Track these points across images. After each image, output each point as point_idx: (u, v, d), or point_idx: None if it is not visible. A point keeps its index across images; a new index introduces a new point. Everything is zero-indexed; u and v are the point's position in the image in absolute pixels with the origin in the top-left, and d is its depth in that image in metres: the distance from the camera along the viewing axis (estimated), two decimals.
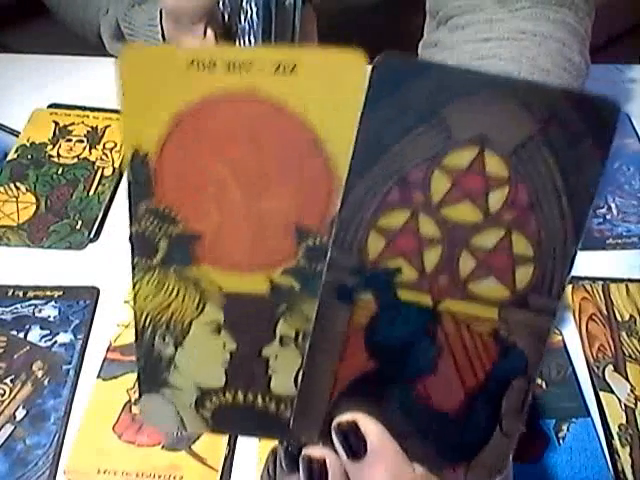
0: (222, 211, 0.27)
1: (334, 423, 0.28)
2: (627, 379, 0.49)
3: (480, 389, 0.27)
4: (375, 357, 0.27)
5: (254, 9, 0.57)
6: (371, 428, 0.27)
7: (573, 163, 0.25)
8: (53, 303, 0.53)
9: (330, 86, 0.26)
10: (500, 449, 0.27)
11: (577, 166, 0.25)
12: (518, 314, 0.26)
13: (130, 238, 0.28)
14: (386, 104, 0.25)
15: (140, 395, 0.30)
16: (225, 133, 0.27)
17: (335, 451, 0.28)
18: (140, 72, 0.26)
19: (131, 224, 0.28)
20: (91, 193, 0.62)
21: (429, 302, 0.27)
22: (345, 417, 0.27)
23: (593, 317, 0.53)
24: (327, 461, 0.28)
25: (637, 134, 0.68)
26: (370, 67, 0.25)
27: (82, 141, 0.67)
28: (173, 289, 0.28)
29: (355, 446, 0.27)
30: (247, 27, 0.58)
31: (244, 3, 0.57)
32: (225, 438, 0.45)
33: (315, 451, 0.28)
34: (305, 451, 0.28)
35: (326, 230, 0.27)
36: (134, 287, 0.29)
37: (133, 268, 0.29)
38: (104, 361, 0.49)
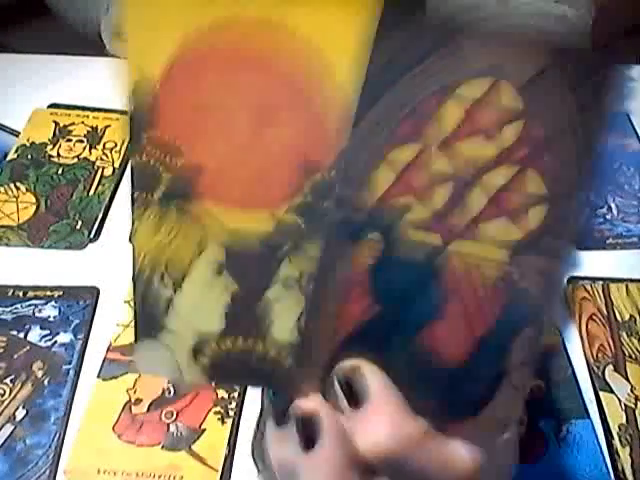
0: (227, 142, 0.26)
1: (336, 368, 0.26)
2: (627, 379, 0.49)
3: (489, 336, 0.26)
4: (380, 301, 0.26)
5: None
6: (373, 375, 0.26)
7: (589, 97, 0.24)
8: (53, 303, 0.53)
9: (344, 12, 0.24)
10: (509, 401, 0.26)
11: (594, 100, 0.24)
12: (530, 257, 0.25)
13: (131, 171, 0.27)
14: (397, 33, 0.24)
15: (136, 341, 0.28)
16: (234, 59, 0.25)
17: (332, 402, 0.26)
18: None
19: (132, 155, 0.26)
20: (91, 193, 0.62)
21: (439, 242, 0.25)
22: (346, 363, 0.26)
23: (593, 317, 0.53)
24: (321, 413, 0.26)
25: (637, 134, 0.68)
26: None
27: (82, 141, 0.67)
28: (174, 226, 0.27)
29: (356, 393, 0.26)
30: None
31: None
32: (225, 438, 0.45)
33: (308, 404, 0.27)
34: (297, 403, 0.27)
35: (334, 164, 0.26)
36: (133, 224, 0.27)
37: (133, 203, 0.27)
38: (104, 361, 0.49)
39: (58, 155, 0.65)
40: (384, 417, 0.26)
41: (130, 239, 0.27)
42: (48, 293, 0.54)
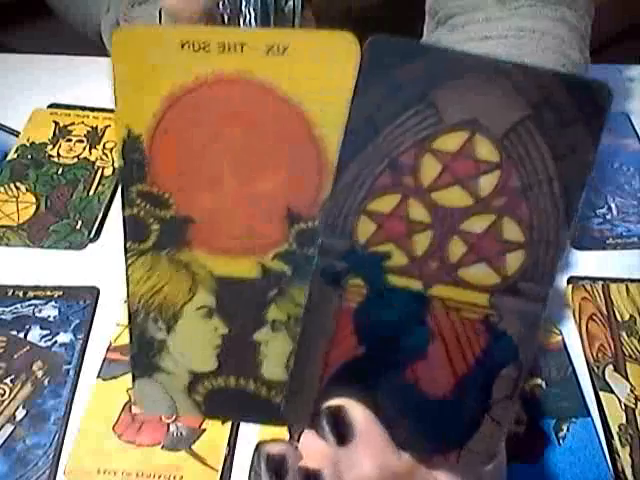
0: (214, 194, 0.27)
1: (322, 407, 0.28)
2: (627, 379, 0.49)
3: (470, 375, 0.27)
4: (365, 342, 0.27)
5: (252, 13, 0.57)
6: (358, 413, 0.27)
7: (565, 147, 0.25)
8: (53, 303, 0.53)
9: (321, 68, 0.25)
10: (490, 436, 0.27)
11: (569, 151, 0.25)
12: (509, 301, 0.26)
13: (123, 222, 0.28)
14: (377, 86, 0.25)
15: (133, 379, 0.30)
16: (218, 115, 0.26)
17: (325, 439, 0.28)
18: (132, 53, 0.26)
19: (123, 208, 0.28)
20: (91, 193, 0.62)
21: (419, 287, 0.26)
22: (333, 402, 0.27)
23: (593, 317, 0.53)
24: (323, 472, 0.27)
25: (637, 134, 0.68)
26: (361, 49, 0.25)
27: (82, 141, 0.67)
28: (165, 273, 0.28)
29: (342, 431, 0.27)
30: None
31: (243, 6, 0.57)
32: (225, 438, 0.45)
33: (310, 463, 0.28)
34: (302, 463, 0.28)
35: (317, 214, 0.27)
36: (126, 271, 0.29)
37: (126, 252, 0.28)
38: (104, 361, 0.49)
39: (58, 155, 0.65)
40: (369, 453, 0.27)
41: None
42: (48, 293, 0.54)
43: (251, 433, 0.46)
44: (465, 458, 0.28)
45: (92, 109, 0.70)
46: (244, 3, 0.57)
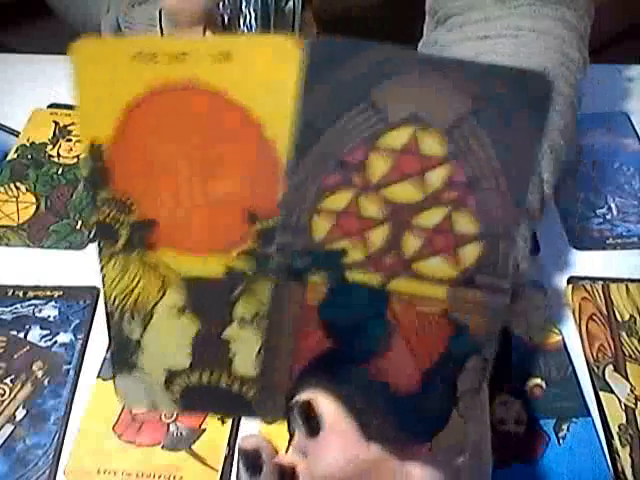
0: (175, 197, 0.28)
1: (292, 401, 0.28)
2: (627, 379, 0.49)
3: (434, 369, 0.27)
4: (330, 336, 0.27)
5: (253, 14, 0.57)
6: (327, 406, 0.28)
7: (509, 140, 0.25)
8: (53, 303, 0.53)
9: (265, 72, 0.26)
10: (458, 431, 0.27)
11: (513, 143, 0.25)
12: (467, 293, 0.26)
13: (93, 226, 0.29)
14: (320, 87, 0.25)
15: (114, 377, 0.30)
16: (172, 123, 0.27)
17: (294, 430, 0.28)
18: (91, 65, 0.27)
19: (93, 213, 0.29)
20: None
21: (378, 282, 0.27)
22: (302, 396, 0.28)
23: (593, 317, 0.53)
24: (297, 468, 0.28)
25: (637, 134, 0.68)
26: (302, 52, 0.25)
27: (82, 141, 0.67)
28: (136, 274, 0.29)
29: (311, 424, 0.27)
30: (246, 31, 0.58)
31: (243, 7, 0.57)
32: (225, 438, 0.45)
33: (285, 459, 0.29)
34: (276, 460, 0.29)
35: (276, 213, 0.27)
36: (100, 271, 0.29)
37: (99, 253, 0.29)
38: (104, 361, 0.49)
39: (58, 155, 0.65)
40: (337, 444, 0.27)
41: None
42: (48, 293, 0.54)
43: (251, 433, 0.46)
44: (435, 451, 0.28)
45: None
46: (244, 4, 0.57)
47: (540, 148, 0.25)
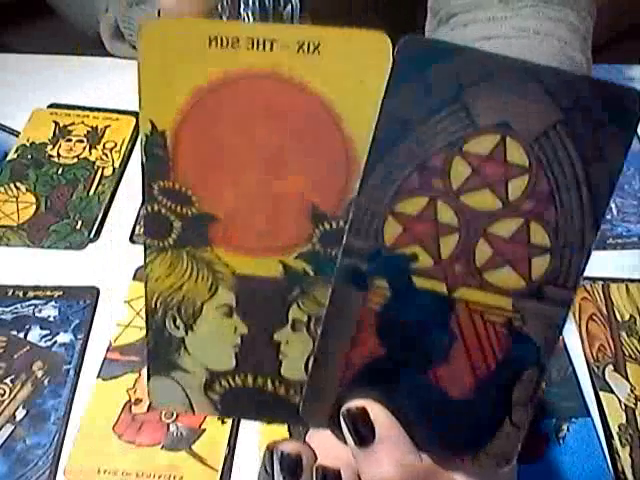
0: (238, 192, 0.27)
1: (343, 409, 0.27)
2: (627, 379, 0.49)
3: (491, 378, 0.27)
4: (387, 343, 0.27)
5: (251, 18, 0.57)
6: (379, 415, 0.27)
7: (595, 152, 0.25)
8: (53, 303, 0.53)
9: (352, 67, 0.25)
10: (509, 439, 0.27)
11: (599, 156, 0.25)
12: (532, 305, 0.26)
13: (143, 218, 0.28)
14: (409, 87, 0.25)
15: (149, 377, 0.29)
16: (245, 111, 0.26)
17: (344, 440, 0.27)
18: (160, 46, 0.25)
19: (144, 204, 0.27)
20: (91, 193, 0.62)
21: (444, 290, 0.26)
22: (354, 403, 0.27)
23: (593, 317, 0.53)
24: (342, 473, 0.28)
25: (637, 134, 0.68)
26: (393, 49, 0.25)
27: (82, 141, 0.67)
28: (186, 271, 0.28)
29: (363, 433, 0.27)
30: None
31: (242, 10, 0.57)
32: (225, 438, 0.45)
33: (329, 461, 0.28)
34: (319, 462, 0.28)
35: (342, 214, 0.26)
36: (145, 268, 0.28)
37: (145, 249, 0.28)
38: (104, 361, 0.49)
39: (58, 155, 0.65)
40: (390, 455, 0.27)
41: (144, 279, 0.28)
42: (48, 293, 0.54)
43: (251, 433, 0.46)
44: (483, 460, 0.28)
45: (92, 109, 0.70)
46: (242, 7, 0.57)
47: (623, 163, 0.25)
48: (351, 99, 0.25)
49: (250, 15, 0.57)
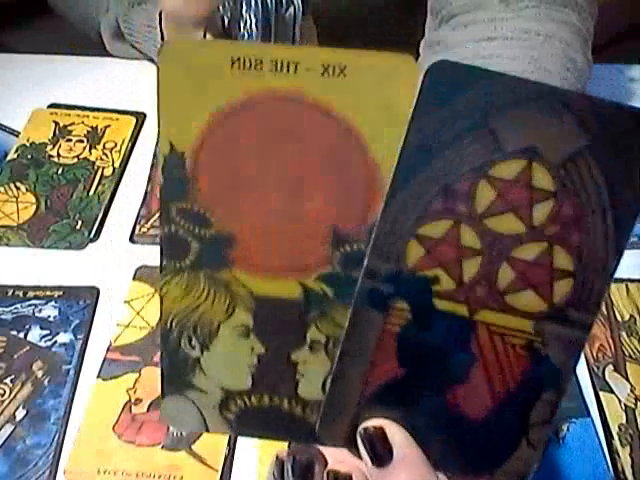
0: (258, 214, 0.27)
1: (360, 428, 0.27)
2: (627, 379, 0.49)
3: (510, 399, 0.27)
4: (406, 364, 0.27)
5: (253, 20, 0.57)
6: (397, 435, 0.27)
7: (621, 178, 0.25)
8: (53, 303, 0.53)
9: (379, 90, 0.25)
10: (525, 459, 0.27)
11: (624, 182, 0.25)
12: (554, 327, 0.26)
13: (160, 240, 0.27)
14: (436, 111, 0.25)
15: (163, 396, 0.29)
16: (267, 133, 0.26)
17: (360, 458, 0.27)
18: (180, 68, 0.25)
19: (162, 225, 0.27)
20: (91, 193, 0.62)
21: (465, 312, 0.26)
22: (372, 423, 0.27)
23: None
24: (354, 477, 0.28)
25: None
26: (422, 73, 0.25)
27: (82, 141, 0.67)
28: (202, 292, 0.28)
29: (380, 453, 0.27)
30: (246, 35, 0.58)
31: (244, 11, 0.57)
32: (225, 438, 0.45)
33: (341, 466, 0.28)
34: (330, 466, 0.28)
35: (364, 237, 0.26)
36: (161, 289, 0.28)
37: (161, 270, 0.28)
38: (104, 361, 0.49)
39: (58, 155, 0.65)
40: (406, 475, 0.27)
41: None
42: (48, 293, 0.54)
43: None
44: (500, 479, 0.28)
45: (92, 109, 0.70)
46: (245, 8, 0.57)
47: None
48: (376, 123, 0.25)
49: (252, 16, 0.57)
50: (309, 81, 0.25)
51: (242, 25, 0.57)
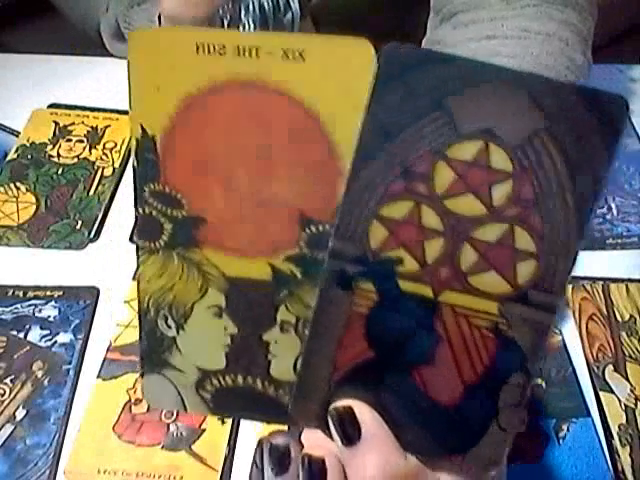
0: (227, 195, 0.27)
1: (330, 408, 0.28)
2: (627, 379, 0.49)
3: (478, 382, 0.27)
4: (374, 346, 0.27)
5: (252, 25, 0.57)
6: (366, 415, 0.27)
7: (580, 159, 0.25)
8: (53, 303, 0.53)
9: (337, 73, 0.25)
10: (496, 442, 0.27)
11: (584, 162, 0.25)
12: (518, 309, 0.26)
13: (135, 221, 0.28)
14: (393, 93, 0.25)
15: (142, 375, 0.30)
16: (232, 118, 0.27)
17: (330, 436, 0.28)
18: (149, 54, 0.26)
19: (136, 206, 0.28)
20: (91, 193, 0.62)
21: (429, 293, 0.26)
22: (341, 403, 0.28)
23: (593, 317, 0.53)
24: (326, 460, 0.28)
25: (637, 134, 0.68)
26: (377, 56, 0.25)
27: (82, 141, 0.67)
28: (176, 272, 0.28)
29: (349, 432, 0.27)
30: None
31: (242, 15, 0.57)
32: (225, 438, 0.45)
33: (315, 450, 0.28)
34: (304, 451, 0.28)
35: (329, 218, 0.27)
36: (138, 269, 0.29)
37: (137, 250, 0.28)
38: (104, 361, 0.49)
39: (58, 155, 0.65)
40: (375, 455, 0.27)
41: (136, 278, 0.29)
42: (48, 293, 0.54)
43: (251, 433, 0.46)
44: (470, 462, 0.28)
45: (92, 109, 0.70)
46: (243, 12, 0.57)
47: (610, 169, 0.25)
48: (336, 105, 0.26)
49: (251, 21, 0.57)
50: (270, 66, 0.26)
51: (240, 29, 0.58)
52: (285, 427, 0.31)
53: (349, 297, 0.27)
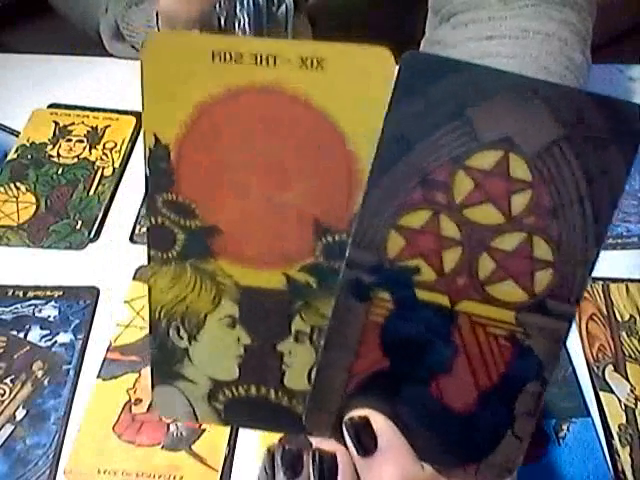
0: (241, 205, 0.27)
1: (345, 418, 0.27)
2: (627, 379, 0.49)
3: (493, 391, 0.27)
4: (390, 355, 0.27)
5: (246, 19, 0.57)
6: (382, 425, 0.27)
7: (597, 168, 0.25)
8: (53, 303, 0.53)
9: (356, 82, 0.25)
10: (511, 450, 0.27)
11: (601, 171, 0.25)
12: (535, 318, 0.26)
13: (147, 231, 0.28)
14: (412, 102, 0.25)
15: (153, 387, 0.30)
16: (248, 125, 0.26)
17: (345, 446, 0.28)
18: (163, 61, 0.26)
19: (148, 216, 0.28)
20: (91, 193, 0.62)
21: (446, 302, 0.26)
22: (357, 413, 0.27)
23: (593, 317, 0.53)
24: (337, 456, 0.28)
25: None
26: (396, 64, 0.25)
27: (82, 141, 0.67)
28: (189, 283, 0.28)
29: (365, 442, 0.27)
30: (240, 34, 0.58)
31: (238, 11, 0.57)
32: (225, 438, 0.45)
33: (325, 445, 0.28)
34: (315, 445, 0.28)
35: (346, 227, 0.27)
36: (149, 280, 0.28)
37: (149, 261, 0.28)
38: (104, 361, 0.49)
39: (58, 155, 0.65)
40: (392, 464, 0.27)
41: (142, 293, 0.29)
42: (48, 293, 0.54)
43: (251, 434, 0.46)
44: (484, 471, 0.28)
45: (92, 109, 0.70)
46: (239, 7, 0.57)
47: (628, 177, 0.25)
48: (354, 114, 0.26)
49: (245, 16, 0.57)
50: (288, 73, 0.25)
51: (236, 25, 0.58)
52: None
53: (365, 306, 0.27)
